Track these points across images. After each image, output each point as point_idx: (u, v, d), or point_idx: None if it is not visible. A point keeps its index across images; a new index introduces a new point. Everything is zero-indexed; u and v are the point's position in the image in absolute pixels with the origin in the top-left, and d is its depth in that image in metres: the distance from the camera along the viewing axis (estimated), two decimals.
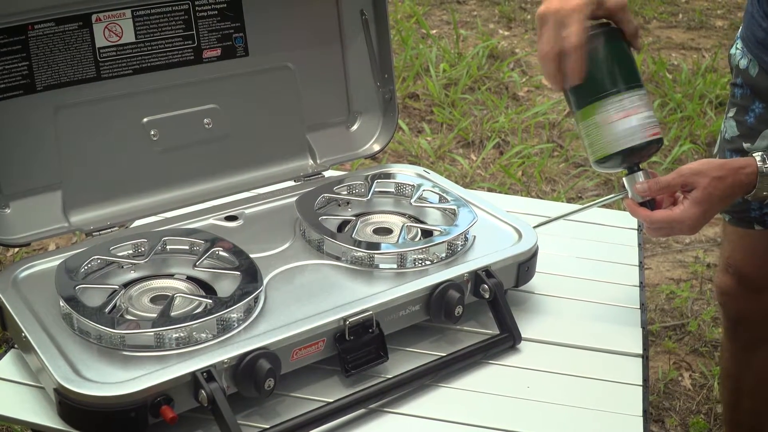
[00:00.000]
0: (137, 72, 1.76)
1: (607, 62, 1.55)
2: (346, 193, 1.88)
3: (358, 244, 1.66)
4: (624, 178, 1.62)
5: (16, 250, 3.37)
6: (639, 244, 1.97)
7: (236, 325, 1.46)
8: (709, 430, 2.81)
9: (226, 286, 1.55)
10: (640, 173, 1.60)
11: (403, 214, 1.84)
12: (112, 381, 1.33)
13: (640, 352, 1.61)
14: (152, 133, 1.79)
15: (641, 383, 1.54)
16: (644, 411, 1.48)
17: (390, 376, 1.51)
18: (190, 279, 1.60)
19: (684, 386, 2.99)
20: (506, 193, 3.78)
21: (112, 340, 1.40)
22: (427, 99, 4.80)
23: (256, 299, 1.51)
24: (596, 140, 1.58)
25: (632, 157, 1.59)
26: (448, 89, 4.84)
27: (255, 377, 1.38)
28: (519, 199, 2.22)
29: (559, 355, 1.61)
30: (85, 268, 1.57)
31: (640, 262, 1.90)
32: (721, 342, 2.45)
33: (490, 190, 3.81)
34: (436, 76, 4.89)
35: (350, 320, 1.49)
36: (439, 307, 1.58)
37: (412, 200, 1.85)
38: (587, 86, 1.55)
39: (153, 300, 1.53)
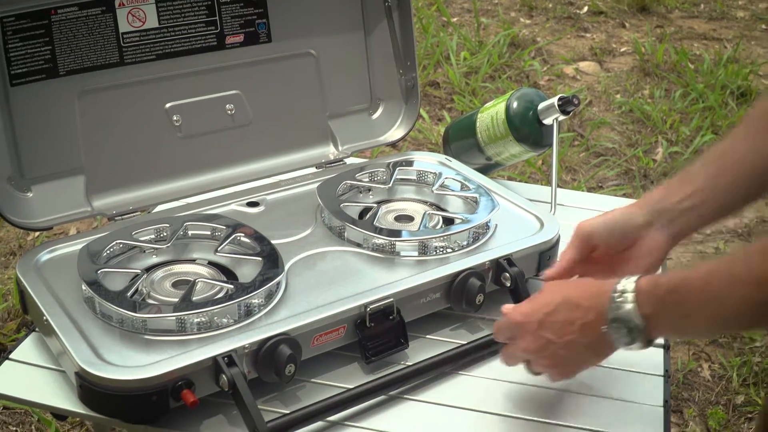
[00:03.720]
0: (160, 57, 1.76)
1: None
2: (367, 180, 1.88)
3: (379, 231, 1.66)
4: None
5: (37, 234, 3.39)
6: None
7: (257, 310, 1.46)
8: (728, 421, 2.80)
9: (247, 272, 1.56)
10: None
11: (424, 202, 1.84)
12: (134, 365, 1.33)
13: (662, 342, 1.61)
14: (175, 118, 1.79)
15: (663, 374, 1.54)
16: (665, 402, 1.48)
17: (410, 364, 1.51)
18: (212, 264, 1.60)
19: (703, 377, 2.98)
20: (526, 182, 3.77)
21: (134, 324, 1.41)
22: (447, 87, 4.79)
23: (277, 285, 1.51)
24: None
25: None
26: (468, 77, 4.83)
27: (276, 363, 1.38)
28: (540, 188, 2.20)
29: None
30: (108, 252, 1.58)
31: None
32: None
33: (509, 178, 3.80)
34: (457, 64, 4.88)
35: (371, 307, 1.49)
36: (460, 295, 1.57)
37: (434, 188, 1.85)
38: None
39: (175, 285, 1.53)
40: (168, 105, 1.79)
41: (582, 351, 1.32)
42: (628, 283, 1.24)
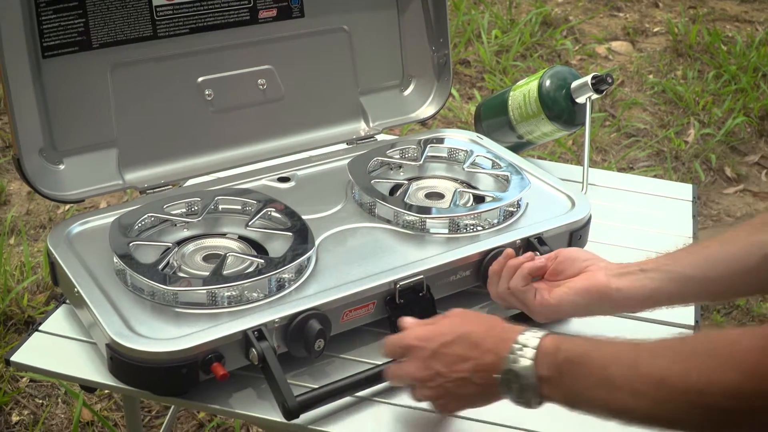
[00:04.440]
0: (193, 31, 1.76)
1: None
2: (398, 156, 1.87)
3: (409, 207, 1.66)
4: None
5: (68, 207, 3.41)
6: (693, 216, 1.95)
7: (287, 285, 1.46)
8: None
9: (277, 247, 1.56)
10: None
11: (455, 179, 1.83)
12: (164, 337, 1.34)
13: (693, 323, 1.60)
14: (207, 92, 1.79)
15: None
16: None
17: None
18: (242, 238, 1.61)
19: None
20: (556, 162, 3.76)
21: (165, 297, 1.41)
22: (478, 65, 4.77)
23: (307, 260, 1.51)
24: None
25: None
26: (499, 56, 4.81)
27: (305, 337, 1.38)
28: (570, 168, 2.19)
29: (611, 324, 1.59)
30: (139, 225, 1.58)
31: (694, 234, 1.88)
32: None
33: (539, 158, 3.79)
34: (488, 42, 4.86)
35: (401, 284, 1.49)
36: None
37: (465, 165, 1.84)
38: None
39: (205, 258, 1.54)
40: (200, 79, 1.79)
41: (470, 391, 1.25)
42: (532, 338, 1.18)
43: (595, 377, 1.11)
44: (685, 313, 1.61)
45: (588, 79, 1.91)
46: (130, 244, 1.50)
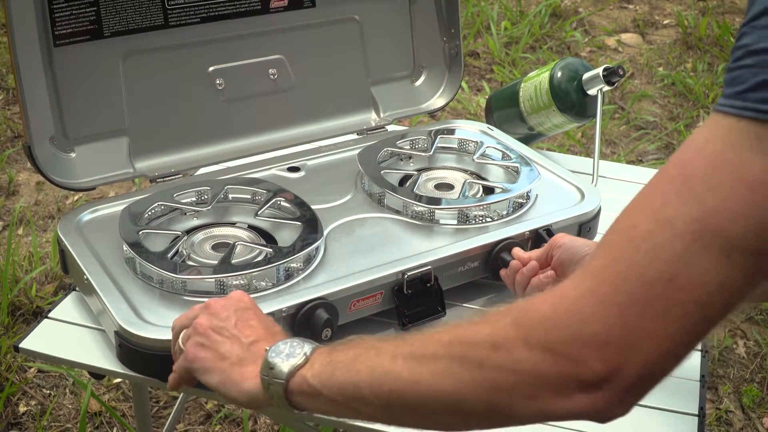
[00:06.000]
0: (205, 20, 1.76)
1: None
2: (408, 147, 1.87)
3: (418, 198, 1.66)
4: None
5: (77, 197, 3.41)
6: None
7: (296, 274, 1.46)
8: (762, 399, 2.79)
9: (286, 236, 1.56)
10: None
11: (465, 171, 1.83)
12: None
13: None
14: (218, 82, 1.80)
15: (701, 349, 1.53)
16: (702, 377, 1.47)
17: None
18: (252, 228, 1.61)
19: (738, 354, 2.97)
20: (565, 154, 3.76)
21: (174, 285, 1.42)
22: (487, 57, 4.77)
23: (316, 250, 1.51)
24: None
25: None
26: (508, 48, 4.80)
27: (313, 326, 1.38)
28: (580, 160, 2.19)
29: None
30: (149, 213, 1.59)
31: None
32: None
33: (549, 150, 3.79)
34: (497, 34, 4.85)
35: (409, 274, 1.49)
36: (498, 265, 1.57)
37: (475, 157, 1.84)
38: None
39: (214, 247, 1.54)
40: (211, 68, 1.80)
41: (233, 352, 1.17)
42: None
43: (362, 347, 1.07)
44: None
45: (600, 71, 1.90)
46: (140, 233, 1.51)
